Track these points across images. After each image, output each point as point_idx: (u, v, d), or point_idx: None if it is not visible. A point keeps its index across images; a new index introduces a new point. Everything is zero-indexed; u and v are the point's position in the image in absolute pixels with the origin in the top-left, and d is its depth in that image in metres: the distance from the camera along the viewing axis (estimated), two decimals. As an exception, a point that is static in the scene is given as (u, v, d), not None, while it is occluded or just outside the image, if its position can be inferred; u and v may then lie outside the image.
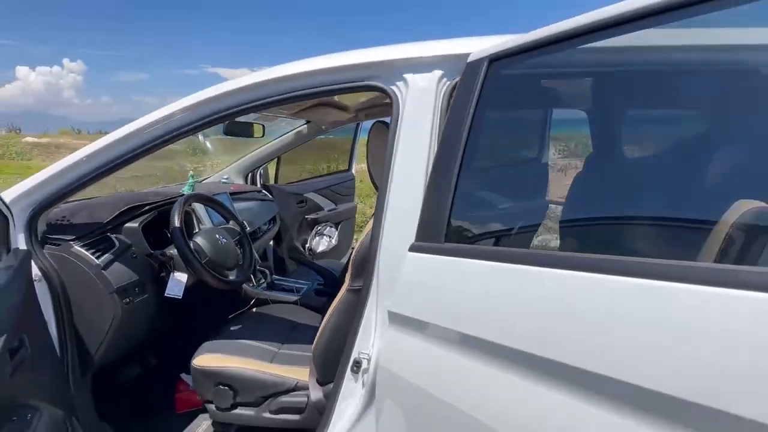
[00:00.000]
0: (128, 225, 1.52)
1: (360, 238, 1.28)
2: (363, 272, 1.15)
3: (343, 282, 1.34)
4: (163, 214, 1.64)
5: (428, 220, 1.01)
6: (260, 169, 2.83)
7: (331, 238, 3.04)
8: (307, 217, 2.96)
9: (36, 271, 1.21)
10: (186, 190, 2.03)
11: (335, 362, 1.18)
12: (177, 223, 1.46)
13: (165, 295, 1.47)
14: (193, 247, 1.51)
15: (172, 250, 1.52)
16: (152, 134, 1.24)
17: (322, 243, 3.01)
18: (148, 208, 1.63)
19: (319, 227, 3.02)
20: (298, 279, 2.19)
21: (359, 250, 1.25)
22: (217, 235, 1.63)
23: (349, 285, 1.28)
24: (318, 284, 2.10)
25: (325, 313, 1.35)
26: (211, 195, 1.89)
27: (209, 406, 1.44)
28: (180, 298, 1.49)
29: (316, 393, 1.36)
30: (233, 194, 2.26)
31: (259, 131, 2.25)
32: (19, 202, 1.22)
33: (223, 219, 1.86)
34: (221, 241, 1.61)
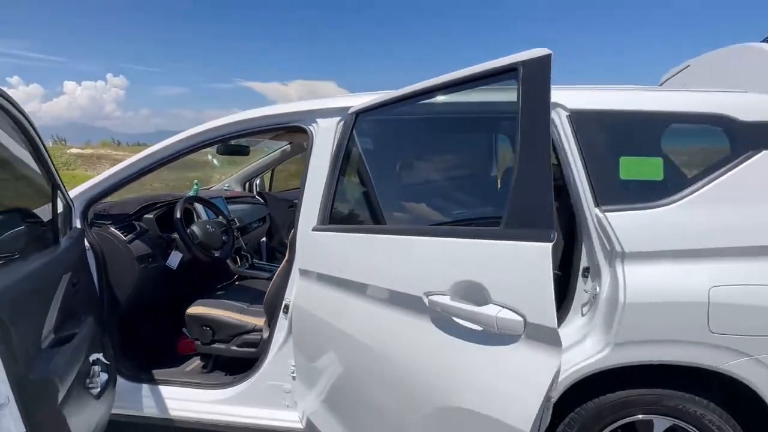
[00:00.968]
0: (146, 216, 2.20)
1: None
2: (293, 248, 1.79)
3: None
4: (171, 209, 2.32)
5: (322, 213, 1.64)
6: (257, 179, 3.52)
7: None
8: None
9: (86, 243, 1.89)
10: (191, 194, 2.72)
11: (275, 308, 1.81)
12: (178, 215, 2.14)
13: (165, 264, 2.14)
14: (189, 232, 2.18)
15: (175, 235, 2.19)
16: (157, 156, 1.91)
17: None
18: (161, 204, 2.32)
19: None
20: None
21: (292, 234, 1.88)
22: (208, 226, 2.30)
23: (287, 258, 1.91)
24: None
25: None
26: (208, 198, 2.57)
27: (196, 342, 2.09)
28: (175, 269, 2.15)
29: (265, 332, 1.99)
30: (229, 198, 2.94)
31: (246, 152, 2.93)
32: (78, 198, 1.91)
33: (215, 215, 2.54)
34: (210, 229, 2.28)
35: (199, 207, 2.49)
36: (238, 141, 2.70)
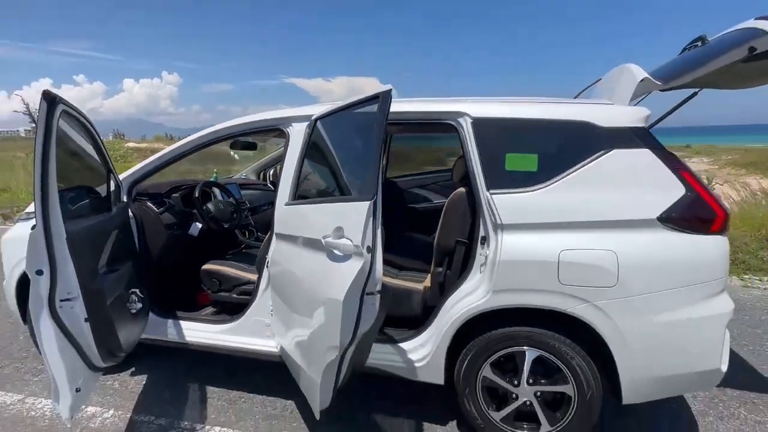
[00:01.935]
0: (174, 195, 2.91)
1: (278, 203, 2.53)
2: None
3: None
4: (193, 190, 3.00)
5: (291, 192, 2.24)
6: (270, 170, 4.18)
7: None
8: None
9: (130, 213, 2.59)
10: (210, 180, 3.42)
11: (262, 264, 2.43)
12: (196, 194, 2.83)
13: (188, 233, 2.83)
14: (204, 208, 2.86)
15: (195, 210, 2.87)
16: (178, 151, 2.58)
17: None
18: (186, 186, 3.02)
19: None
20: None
21: (274, 209, 2.50)
22: (220, 204, 2.97)
23: (271, 227, 2.54)
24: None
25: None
26: (223, 184, 3.25)
27: (207, 291, 2.76)
28: (196, 236, 2.83)
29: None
30: (243, 185, 3.62)
31: (254, 147, 3.58)
32: (125, 180, 2.62)
33: (227, 197, 3.21)
34: (221, 207, 2.96)
35: (216, 190, 3.17)
36: (246, 138, 3.37)
